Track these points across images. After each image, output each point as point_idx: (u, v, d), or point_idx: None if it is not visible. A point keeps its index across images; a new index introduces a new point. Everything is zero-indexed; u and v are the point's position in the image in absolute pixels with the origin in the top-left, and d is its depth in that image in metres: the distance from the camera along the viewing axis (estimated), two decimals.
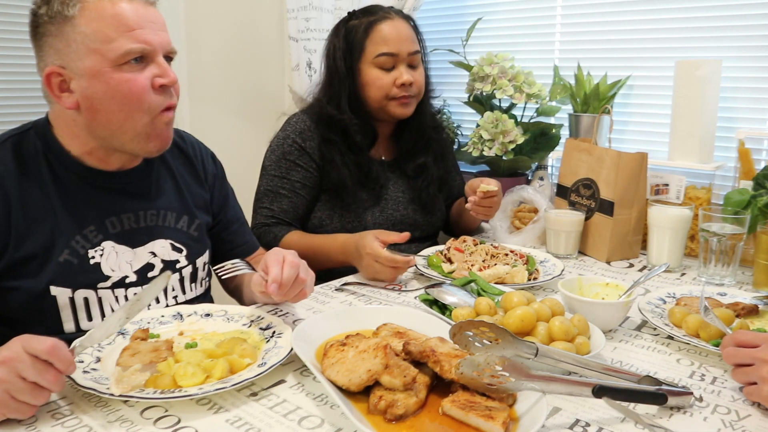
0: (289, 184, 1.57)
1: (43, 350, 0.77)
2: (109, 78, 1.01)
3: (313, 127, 1.59)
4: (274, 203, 1.57)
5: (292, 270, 1.00)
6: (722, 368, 0.96)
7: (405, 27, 1.57)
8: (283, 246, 1.39)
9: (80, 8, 0.99)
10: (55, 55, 1.01)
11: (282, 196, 1.57)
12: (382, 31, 1.55)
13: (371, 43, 1.55)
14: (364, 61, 1.56)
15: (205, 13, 2.35)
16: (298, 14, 2.36)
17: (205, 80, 2.38)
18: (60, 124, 1.08)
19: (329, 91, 1.61)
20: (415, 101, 1.60)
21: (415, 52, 1.57)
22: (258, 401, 0.85)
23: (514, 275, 1.33)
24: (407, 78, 1.54)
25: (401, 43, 1.54)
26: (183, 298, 1.21)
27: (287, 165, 1.58)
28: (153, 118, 1.06)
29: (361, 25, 1.56)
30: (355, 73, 1.57)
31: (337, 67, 1.58)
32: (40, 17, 1.02)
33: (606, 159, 1.54)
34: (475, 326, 0.82)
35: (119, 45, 1.00)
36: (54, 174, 1.07)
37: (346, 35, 1.58)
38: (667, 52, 1.85)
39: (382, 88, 1.55)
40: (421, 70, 1.60)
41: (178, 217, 1.21)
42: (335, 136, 1.58)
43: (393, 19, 1.57)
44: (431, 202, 1.70)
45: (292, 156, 1.58)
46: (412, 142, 1.68)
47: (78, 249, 1.06)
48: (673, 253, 1.45)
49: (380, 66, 1.54)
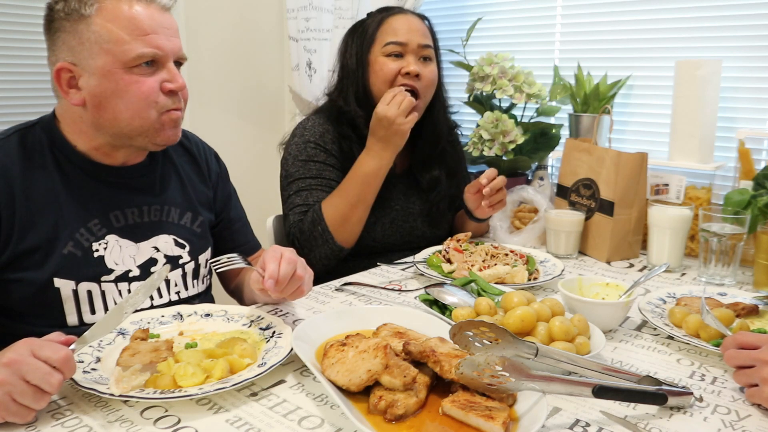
0: (324, 182, 1.53)
1: (57, 359, 0.77)
2: (119, 79, 1.03)
3: (331, 129, 1.57)
4: (310, 198, 1.52)
5: (289, 266, 1.01)
6: (722, 368, 0.96)
7: (417, 21, 1.57)
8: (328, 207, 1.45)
9: (97, 8, 1.01)
10: (68, 51, 1.03)
11: (317, 190, 1.52)
12: (394, 23, 1.55)
13: (382, 34, 1.55)
14: (374, 52, 1.55)
15: (205, 13, 2.35)
16: (298, 14, 2.35)
17: (205, 80, 2.38)
18: (66, 119, 1.09)
19: (340, 86, 1.61)
20: (422, 100, 1.55)
21: (426, 45, 1.55)
22: (258, 401, 0.85)
23: (514, 275, 1.33)
24: (414, 68, 1.51)
25: (411, 33, 1.53)
26: (185, 293, 1.21)
27: (317, 167, 1.54)
28: (160, 115, 1.08)
29: (375, 20, 1.58)
30: (365, 65, 1.56)
31: (348, 63, 1.58)
32: (56, 12, 1.03)
33: (606, 159, 1.54)
34: (475, 326, 0.82)
35: (132, 48, 1.02)
36: (59, 167, 1.08)
37: (361, 32, 1.58)
38: (667, 52, 1.86)
39: (386, 75, 1.52)
40: (432, 67, 1.57)
41: (182, 214, 1.22)
42: (348, 130, 1.57)
43: (407, 14, 1.58)
44: (441, 217, 1.69)
45: (320, 158, 1.54)
46: (427, 151, 1.65)
47: (82, 242, 1.07)
48: (673, 253, 1.45)
49: (388, 54, 1.53)
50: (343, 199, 1.46)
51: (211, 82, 2.40)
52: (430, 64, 1.57)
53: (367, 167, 1.46)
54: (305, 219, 1.49)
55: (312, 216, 1.47)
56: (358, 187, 1.46)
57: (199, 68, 2.33)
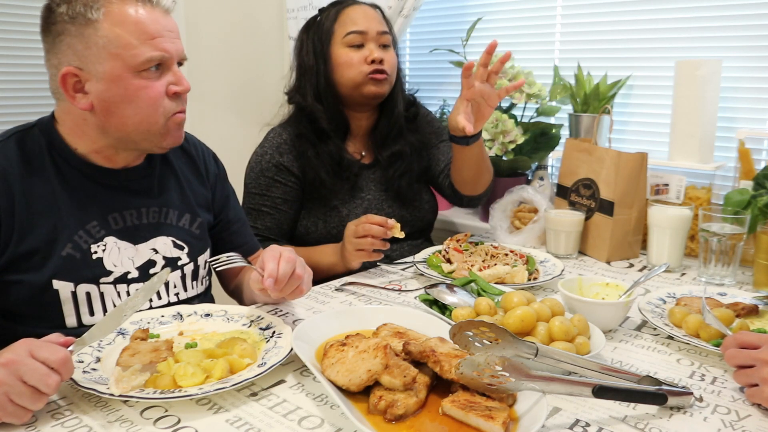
0: (270, 201, 1.58)
1: (55, 360, 0.77)
2: (128, 83, 1.02)
3: (289, 140, 1.59)
4: (258, 221, 1.58)
5: (289, 265, 1.01)
6: (722, 368, 0.96)
7: (372, 11, 1.60)
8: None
9: (104, 13, 1.00)
10: (73, 55, 1.02)
11: (265, 214, 1.58)
12: (350, 14, 1.57)
13: (340, 25, 1.57)
14: (333, 44, 1.56)
15: (205, 13, 2.35)
16: (298, 14, 2.36)
17: (205, 80, 2.38)
18: (67, 122, 1.09)
19: (297, 84, 1.62)
20: (388, 82, 1.58)
21: (384, 32, 1.57)
22: (258, 401, 0.85)
23: (514, 275, 1.33)
24: (378, 55, 1.53)
25: (369, 21, 1.56)
26: (184, 295, 1.21)
27: (266, 182, 1.58)
28: (167, 120, 1.08)
29: (330, 14, 1.60)
30: (326, 59, 1.57)
31: (305, 60, 1.60)
32: (58, 15, 1.02)
33: (606, 159, 1.54)
34: (475, 326, 0.82)
35: (141, 52, 1.02)
36: (58, 170, 1.08)
37: (317, 28, 1.60)
38: (667, 52, 1.86)
39: (353, 66, 1.54)
40: (392, 52, 1.60)
41: (181, 215, 1.22)
42: (304, 128, 1.58)
43: (360, 5, 1.60)
44: (411, 195, 1.68)
45: (270, 172, 1.57)
46: (386, 130, 1.66)
47: (81, 244, 1.07)
48: (673, 253, 1.45)
49: (350, 44, 1.55)
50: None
51: (210, 82, 2.40)
52: (390, 50, 1.59)
53: (320, 259, 1.49)
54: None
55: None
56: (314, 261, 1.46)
57: (198, 68, 2.33)
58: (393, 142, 1.65)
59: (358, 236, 1.36)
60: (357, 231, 1.37)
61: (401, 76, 1.68)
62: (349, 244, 1.38)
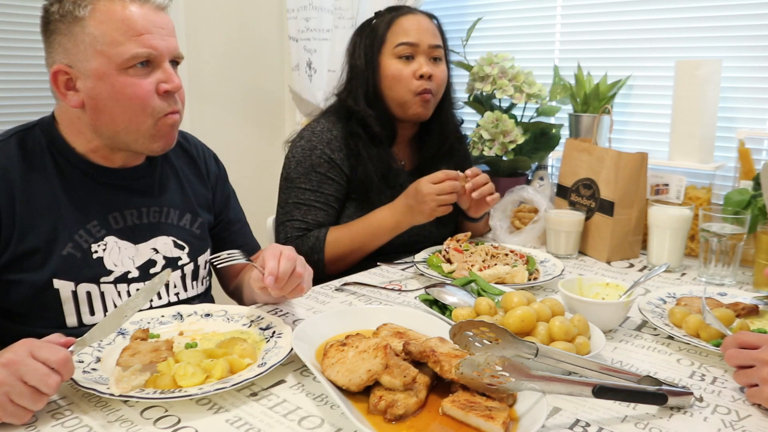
0: (323, 198, 1.54)
1: (56, 360, 0.77)
2: (114, 81, 1.02)
3: (340, 136, 1.56)
4: (308, 215, 1.52)
5: (289, 263, 1.01)
6: (722, 368, 0.96)
7: (427, 21, 1.58)
8: (332, 242, 1.47)
9: (91, 10, 1.01)
10: (63, 53, 1.02)
11: (317, 209, 1.53)
12: (404, 23, 1.55)
13: (392, 35, 1.55)
14: (384, 53, 1.55)
15: (205, 13, 2.35)
16: (298, 14, 2.35)
17: (205, 80, 2.38)
18: (65, 121, 1.09)
19: (349, 86, 1.60)
20: (434, 102, 1.58)
21: (437, 46, 1.56)
22: (258, 401, 0.85)
23: (514, 275, 1.33)
24: (426, 70, 1.52)
25: (422, 34, 1.54)
26: (185, 295, 1.21)
27: (318, 178, 1.53)
28: (157, 120, 1.07)
29: (384, 20, 1.57)
30: (375, 66, 1.55)
31: (357, 63, 1.58)
32: (51, 14, 1.03)
33: (606, 159, 1.54)
34: (475, 326, 0.82)
35: (126, 49, 1.01)
36: (58, 169, 1.08)
37: (370, 32, 1.58)
38: (667, 52, 1.86)
39: (401, 80, 1.52)
40: (443, 67, 1.58)
41: (181, 215, 1.22)
42: (358, 128, 1.56)
43: (416, 14, 1.58)
44: (449, 216, 1.66)
45: (323, 168, 1.53)
46: (435, 147, 1.65)
47: (81, 243, 1.07)
48: (673, 253, 1.45)
49: (400, 56, 1.53)
50: (349, 240, 1.48)
51: (210, 83, 2.40)
52: (440, 64, 1.58)
53: (384, 221, 1.48)
54: (304, 241, 1.50)
55: (313, 243, 1.49)
56: (368, 235, 1.48)
57: (198, 68, 2.33)
58: (440, 161, 1.66)
59: (442, 193, 1.40)
60: (442, 188, 1.40)
61: (451, 92, 1.68)
62: (432, 201, 1.40)
